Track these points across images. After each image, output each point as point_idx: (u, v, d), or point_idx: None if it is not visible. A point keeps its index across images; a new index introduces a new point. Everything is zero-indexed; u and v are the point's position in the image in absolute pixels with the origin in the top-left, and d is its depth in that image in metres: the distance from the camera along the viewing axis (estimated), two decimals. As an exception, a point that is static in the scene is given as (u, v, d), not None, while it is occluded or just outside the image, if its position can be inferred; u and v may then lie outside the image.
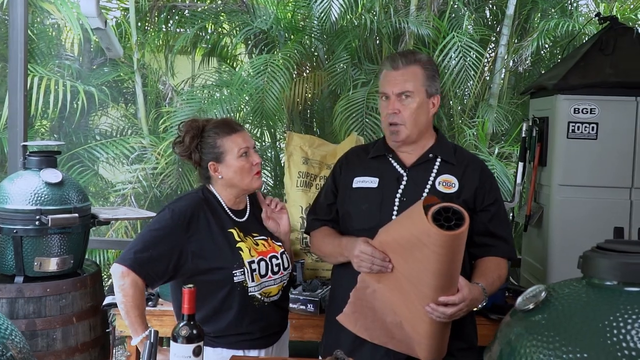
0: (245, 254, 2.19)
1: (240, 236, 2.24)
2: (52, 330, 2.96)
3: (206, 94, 5.66)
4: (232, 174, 2.23)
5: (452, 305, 1.93)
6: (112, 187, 5.96)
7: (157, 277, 2.13)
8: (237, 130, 2.24)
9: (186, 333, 1.59)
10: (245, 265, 2.17)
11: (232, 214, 2.28)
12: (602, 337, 1.26)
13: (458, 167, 2.23)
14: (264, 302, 2.23)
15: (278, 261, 2.28)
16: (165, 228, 2.15)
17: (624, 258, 1.39)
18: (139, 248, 2.10)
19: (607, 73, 3.01)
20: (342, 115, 4.74)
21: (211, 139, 2.22)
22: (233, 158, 2.21)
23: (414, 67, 2.17)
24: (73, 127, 6.00)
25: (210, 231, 2.20)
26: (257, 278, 2.20)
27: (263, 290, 2.22)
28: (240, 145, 2.21)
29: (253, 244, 2.26)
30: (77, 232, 3.13)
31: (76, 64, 6.29)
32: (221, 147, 2.21)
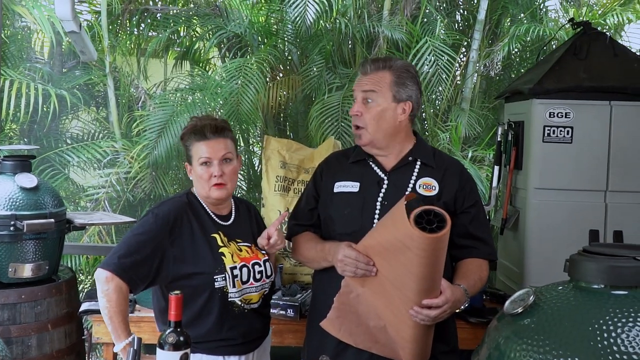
0: (227, 259, 2.18)
1: (224, 241, 2.22)
2: (27, 338, 2.90)
3: (179, 98, 5.61)
4: (194, 179, 2.25)
5: (436, 308, 1.94)
6: (83, 192, 5.86)
7: (140, 281, 2.11)
8: (207, 138, 2.20)
9: (173, 340, 1.57)
10: (227, 270, 2.16)
11: (217, 218, 2.27)
12: (592, 340, 1.27)
13: (438, 170, 2.25)
14: (244, 309, 2.22)
15: (260, 268, 2.27)
16: (149, 232, 2.13)
17: (611, 262, 1.41)
18: (122, 252, 2.08)
19: (581, 77, 3.06)
20: (317, 120, 4.74)
21: (188, 141, 2.23)
22: (197, 164, 2.21)
23: (383, 73, 2.21)
24: (44, 131, 5.89)
25: (193, 236, 2.18)
26: (239, 284, 2.19)
27: (244, 296, 2.21)
28: (202, 154, 2.19)
29: (236, 249, 2.24)
30: (53, 237, 3.07)
31: (47, 67, 6.18)
32: (191, 150, 2.23)
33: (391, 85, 2.19)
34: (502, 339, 1.43)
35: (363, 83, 2.22)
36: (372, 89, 2.19)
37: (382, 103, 2.19)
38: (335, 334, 2.14)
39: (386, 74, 2.20)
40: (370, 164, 2.27)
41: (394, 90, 2.19)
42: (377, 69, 2.21)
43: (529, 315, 1.41)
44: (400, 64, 2.25)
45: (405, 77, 2.22)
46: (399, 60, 2.27)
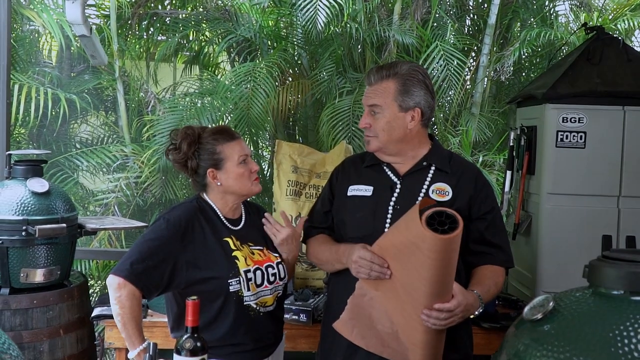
0: (241, 262, 2.17)
1: (237, 245, 2.22)
2: (39, 343, 2.89)
3: (189, 102, 5.62)
4: (231, 181, 2.23)
5: (447, 312, 1.93)
6: (93, 197, 5.87)
7: (153, 287, 2.10)
8: (236, 137, 2.26)
9: (190, 346, 1.56)
10: (241, 274, 2.16)
11: (228, 222, 2.27)
12: (613, 347, 1.26)
13: (452, 176, 2.23)
14: (259, 312, 2.21)
15: (274, 270, 2.26)
16: (161, 238, 2.12)
17: (631, 267, 1.40)
18: (135, 259, 2.07)
19: (594, 82, 3.05)
20: (328, 124, 4.74)
21: (210, 145, 2.21)
22: (233, 165, 2.21)
23: (387, 82, 2.18)
24: (54, 135, 5.90)
25: (205, 240, 2.18)
26: (253, 287, 2.18)
27: (259, 299, 2.20)
28: (240, 152, 2.22)
29: (249, 252, 2.24)
30: (64, 242, 3.06)
31: (56, 71, 6.20)
32: (221, 153, 2.21)
33: (396, 96, 2.16)
34: (521, 346, 1.41)
35: (369, 96, 2.22)
36: (377, 102, 2.18)
37: (389, 115, 2.17)
38: (347, 335, 2.13)
39: (390, 83, 2.17)
40: (384, 169, 2.26)
41: (399, 100, 2.16)
42: (381, 79, 2.18)
43: (549, 322, 1.40)
44: (406, 69, 2.19)
45: (410, 83, 2.17)
46: (404, 65, 2.21)
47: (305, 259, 3.39)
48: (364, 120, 2.22)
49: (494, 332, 2.90)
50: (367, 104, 2.21)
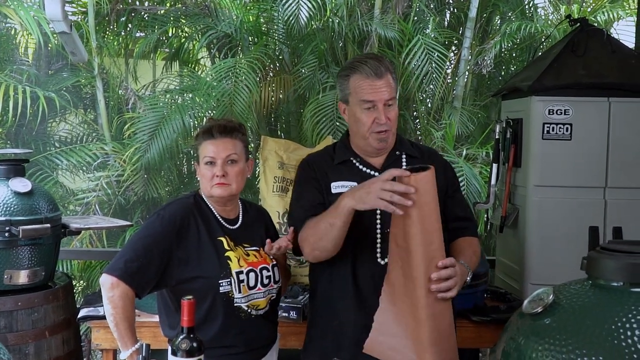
0: (233, 263, 2.14)
1: (230, 245, 2.19)
2: (24, 345, 2.84)
3: (169, 99, 5.56)
4: (200, 179, 2.22)
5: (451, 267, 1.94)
6: (73, 196, 5.79)
7: (147, 285, 2.07)
8: (214, 137, 2.17)
9: (187, 346, 1.54)
10: (233, 275, 2.13)
11: (224, 221, 2.23)
12: (615, 339, 1.26)
13: (423, 160, 2.24)
14: (251, 315, 2.18)
15: (269, 273, 2.24)
16: (155, 235, 2.10)
17: (630, 259, 1.40)
18: (129, 257, 2.04)
19: (580, 74, 3.06)
20: (312, 120, 4.72)
21: (198, 140, 2.22)
22: (202, 163, 2.19)
23: (390, 75, 2.18)
24: (33, 134, 5.80)
25: (199, 238, 2.15)
26: (245, 290, 2.15)
27: (251, 302, 2.17)
28: (208, 153, 2.17)
29: (243, 254, 2.21)
30: (48, 243, 3.01)
31: (33, 69, 6.09)
32: (199, 150, 2.21)
33: (395, 86, 2.20)
34: (522, 339, 1.41)
35: (383, 90, 2.14)
36: (393, 95, 2.16)
37: (395, 105, 2.20)
38: (379, 354, 2.07)
39: (390, 76, 2.18)
40: (356, 164, 2.25)
41: (396, 92, 2.21)
42: (387, 70, 2.16)
43: (549, 315, 1.40)
44: (388, 61, 2.25)
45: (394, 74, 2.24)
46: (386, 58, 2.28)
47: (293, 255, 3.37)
48: (383, 115, 2.14)
49: (484, 325, 2.90)
50: (383, 99, 2.13)
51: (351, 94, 2.18)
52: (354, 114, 2.20)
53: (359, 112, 2.18)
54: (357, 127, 2.21)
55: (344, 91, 2.22)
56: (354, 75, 2.17)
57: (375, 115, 2.15)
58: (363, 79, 2.15)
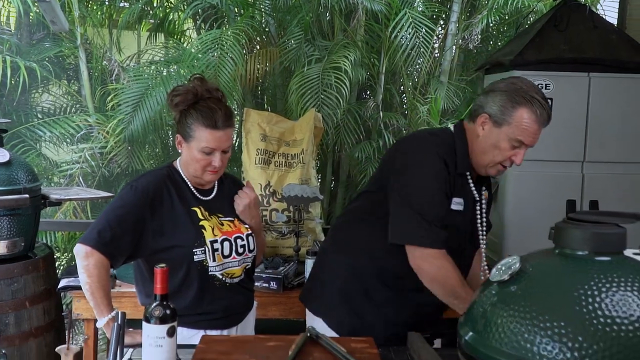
0: (207, 232, 2.16)
1: (205, 215, 2.20)
2: (4, 315, 2.86)
3: (154, 71, 5.50)
4: (189, 159, 2.17)
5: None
6: (57, 168, 5.75)
7: (120, 255, 2.08)
8: (217, 127, 2.10)
9: (159, 313, 1.55)
10: (207, 244, 2.14)
11: (197, 192, 2.23)
12: (577, 305, 1.29)
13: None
14: (225, 283, 2.20)
15: (243, 242, 2.25)
16: (128, 205, 2.09)
17: (595, 229, 1.42)
18: (102, 227, 2.05)
19: (561, 49, 3.08)
20: (297, 92, 4.69)
21: (191, 118, 2.12)
22: (196, 148, 2.13)
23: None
24: (14, 105, 5.74)
25: (173, 209, 2.15)
26: (219, 258, 2.17)
27: (225, 270, 2.19)
28: (208, 143, 2.11)
29: (218, 223, 2.22)
30: (27, 213, 3.02)
31: (14, 39, 6.00)
32: (193, 131, 2.12)
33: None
34: (488, 306, 1.44)
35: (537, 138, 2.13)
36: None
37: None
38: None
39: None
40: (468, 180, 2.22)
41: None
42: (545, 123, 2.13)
43: (515, 283, 1.42)
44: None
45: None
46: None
47: (275, 227, 3.39)
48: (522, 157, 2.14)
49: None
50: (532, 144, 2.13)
51: (510, 124, 2.07)
52: (497, 141, 2.11)
53: (504, 144, 2.11)
54: (493, 153, 2.13)
55: (504, 115, 2.08)
56: (522, 109, 2.06)
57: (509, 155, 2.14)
58: (530, 118, 2.05)
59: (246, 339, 2.00)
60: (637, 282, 1.31)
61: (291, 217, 3.34)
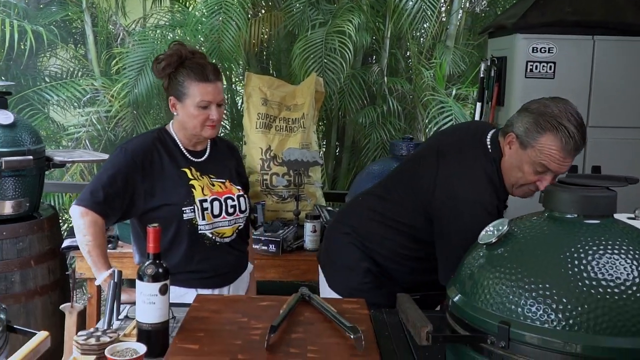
0: (197, 192, 2.19)
1: (195, 175, 2.22)
2: (10, 274, 2.92)
3: (159, 35, 5.48)
4: (186, 118, 2.19)
5: None
6: (64, 131, 5.78)
7: (113, 214, 2.13)
8: (209, 80, 2.15)
9: (152, 272, 1.58)
10: (196, 202, 2.17)
11: (189, 154, 2.26)
12: (563, 267, 1.30)
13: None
14: (215, 242, 2.23)
15: (234, 203, 2.27)
16: (119, 166, 2.13)
17: (584, 192, 1.43)
18: (94, 187, 2.10)
19: (565, 12, 3.04)
20: (300, 57, 4.67)
21: (182, 76, 2.16)
22: (192, 104, 2.15)
23: None
24: (21, 68, 5.75)
25: (163, 170, 2.18)
26: (209, 217, 2.20)
27: (215, 230, 2.22)
28: (203, 96, 2.14)
29: (209, 183, 2.24)
30: (32, 174, 3.06)
31: (22, 3, 5.98)
32: (186, 88, 2.15)
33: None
34: (475, 268, 1.45)
35: (565, 169, 2.01)
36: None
37: None
38: None
39: None
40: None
41: None
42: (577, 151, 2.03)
43: (503, 245, 1.44)
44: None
45: None
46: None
47: (275, 191, 3.41)
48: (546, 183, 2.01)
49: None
50: (559, 174, 2.01)
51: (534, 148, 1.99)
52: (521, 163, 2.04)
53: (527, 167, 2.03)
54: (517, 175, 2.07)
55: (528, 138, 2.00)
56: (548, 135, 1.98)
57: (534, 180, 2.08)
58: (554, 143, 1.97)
59: (239, 298, 2.04)
60: (625, 245, 1.32)
61: (291, 181, 3.35)
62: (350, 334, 1.59)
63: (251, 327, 1.68)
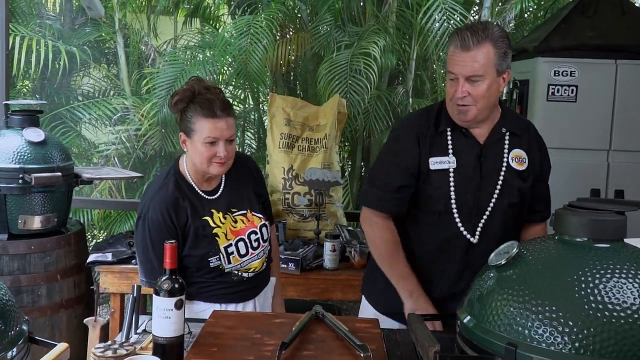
0: (221, 239, 2.18)
1: (217, 219, 2.21)
2: (36, 287, 2.99)
3: (189, 55, 5.60)
4: (194, 154, 2.16)
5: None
6: (95, 148, 5.93)
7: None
8: (217, 116, 2.09)
9: (168, 287, 1.62)
10: (221, 251, 2.18)
11: (205, 194, 2.23)
12: (570, 291, 1.30)
13: (523, 138, 2.19)
14: (243, 278, 2.24)
15: (257, 236, 2.26)
16: (147, 239, 2.15)
17: (593, 215, 1.43)
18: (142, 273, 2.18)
19: (587, 36, 3.04)
20: (325, 78, 4.73)
21: (190, 112, 2.12)
22: (199, 141, 2.11)
23: (486, 46, 1.99)
24: (55, 87, 5.92)
25: (186, 222, 2.17)
26: (236, 259, 2.20)
27: (244, 267, 2.23)
28: (210, 133, 2.10)
29: (231, 222, 2.23)
30: (60, 190, 3.14)
31: (57, 24, 6.18)
32: (194, 124, 2.11)
33: (495, 60, 2.00)
34: (485, 290, 1.46)
35: (466, 65, 1.99)
36: (478, 73, 1.99)
37: (488, 81, 2.01)
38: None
39: (489, 47, 1.99)
40: (463, 136, 2.14)
41: (497, 64, 2.01)
42: (480, 42, 1.98)
43: (512, 267, 1.44)
44: (498, 32, 2.03)
45: (505, 44, 2.03)
46: (494, 27, 2.04)
47: (297, 210, 3.45)
48: (460, 89, 2.01)
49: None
50: (463, 74, 2.00)
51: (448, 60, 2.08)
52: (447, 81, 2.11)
53: (447, 81, 2.09)
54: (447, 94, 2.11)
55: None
56: (449, 45, 2.07)
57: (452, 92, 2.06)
58: (452, 49, 2.04)
59: (254, 315, 2.06)
60: (633, 269, 1.32)
61: (312, 200, 3.39)
62: (360, 352, 1.61)
63: (264, 344, 1.71)
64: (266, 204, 2.42)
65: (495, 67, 2.01)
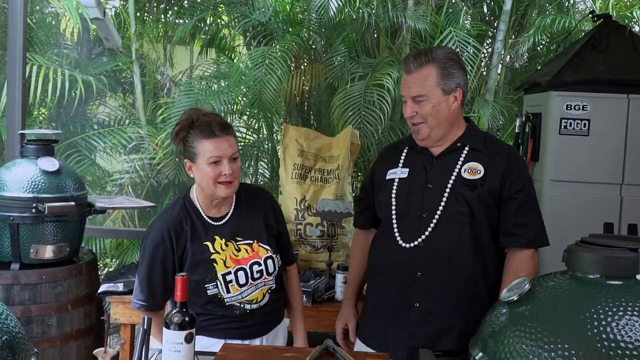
0: (219, 266, 2.19)
1: (219, 245, 2.22)
2: (47, 317, 2.99)
3: (204, 85, 5.65)
4: (200, 178, 2.18)
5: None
6: (109, 177, 5.97)
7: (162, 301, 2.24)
8: (216, 135, 2.14)
9: (178, 320, 1.62)
10: (219, 278, 2.18)
11: (211, 220, 2.26)
12: (583, 328, 1.29)
13: (486, 155, 2.25)
14: (246, 310, 2.24)
15: (260, 267, 2.25)
16: (149, 260, 2.21)
17: (606, 252, 1.42)
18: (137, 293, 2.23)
19: (599, 70, 3.05)
20: (339, 108, 4.75)
21: (191, 137, 2.16)
22: (204, 162, 2.15)
23: (427, 69, 2.18)
24: (71, 116, 5.99)
25: (185, 247, 2.21)
26: (235, 289, 2.20)
27: (245, 298, 2.23)
28: (212, 152, 2.13)
29: (234, 250, 2.24)
30: (73, 220, 3.16)
31: (74, 53, 6.28)
32: (195, 148, 2.15)
33: (438, 81, 2.18)
34: (497, 326, 1.45)
35: (410, 86, 2.21)
36: (420, 92, 2.19)
37: (434, 100, 2.18)
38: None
39: (431, 69, 2.18)
40: (419, 152, 2.31)
41: (442, 84, 2.18)
42: (421, 65, 2.18)
43: (524, 303, 1.43)
44: (443, 53, 2.22)
45: (449, 65, 2.20)
46: (440, 50, 2.24)
47: (309, 241, 3.45)
48: (408, 109, 2.21)
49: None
50: (409, 95, 2.21)
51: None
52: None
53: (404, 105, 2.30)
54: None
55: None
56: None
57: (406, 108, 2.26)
58: (403, 74, 2.27)
59: (264, 348, 2.05)
60: (646, 307, 1.31)
61: (325, 231, 3.39)
62: (371, 388, 1.60)
63: (273, 378, 1.70)
64: (284, 242, 2.42)
65: (440, 86, 2.17)
